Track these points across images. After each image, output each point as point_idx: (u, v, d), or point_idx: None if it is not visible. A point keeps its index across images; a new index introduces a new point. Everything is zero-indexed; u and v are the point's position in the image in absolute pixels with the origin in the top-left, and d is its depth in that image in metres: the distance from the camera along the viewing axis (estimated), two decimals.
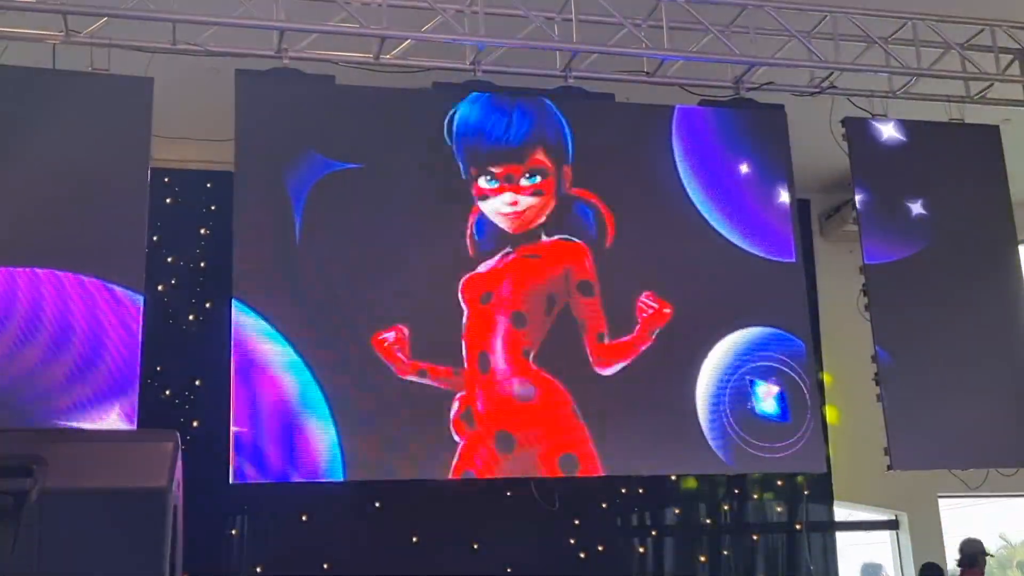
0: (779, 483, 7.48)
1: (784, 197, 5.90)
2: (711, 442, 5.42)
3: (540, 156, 5.62)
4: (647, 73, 5.79)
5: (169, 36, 5.16)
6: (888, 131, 6.14)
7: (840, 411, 7.39)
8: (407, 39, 5.38)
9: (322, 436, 4.96)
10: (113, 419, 4.66)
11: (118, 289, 4.81)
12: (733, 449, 5.44)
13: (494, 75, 5.60)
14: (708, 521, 7.39)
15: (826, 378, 7.34)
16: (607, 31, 5.52)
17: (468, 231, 5.44)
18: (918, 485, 7.20)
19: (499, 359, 5.30)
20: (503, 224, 5.50)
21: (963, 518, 8.34)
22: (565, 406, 5.31)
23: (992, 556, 7.12)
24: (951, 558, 7.77)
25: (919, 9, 5.79)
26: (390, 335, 5.14)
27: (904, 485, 6.95)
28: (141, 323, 4.82)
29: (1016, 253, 6.24)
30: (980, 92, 6.20)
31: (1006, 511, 8.74)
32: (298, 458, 4.94)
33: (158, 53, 5.18)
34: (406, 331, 5.17)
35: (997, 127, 6.33)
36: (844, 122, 6.08)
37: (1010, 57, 6.09)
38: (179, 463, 3.58)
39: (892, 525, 7.89)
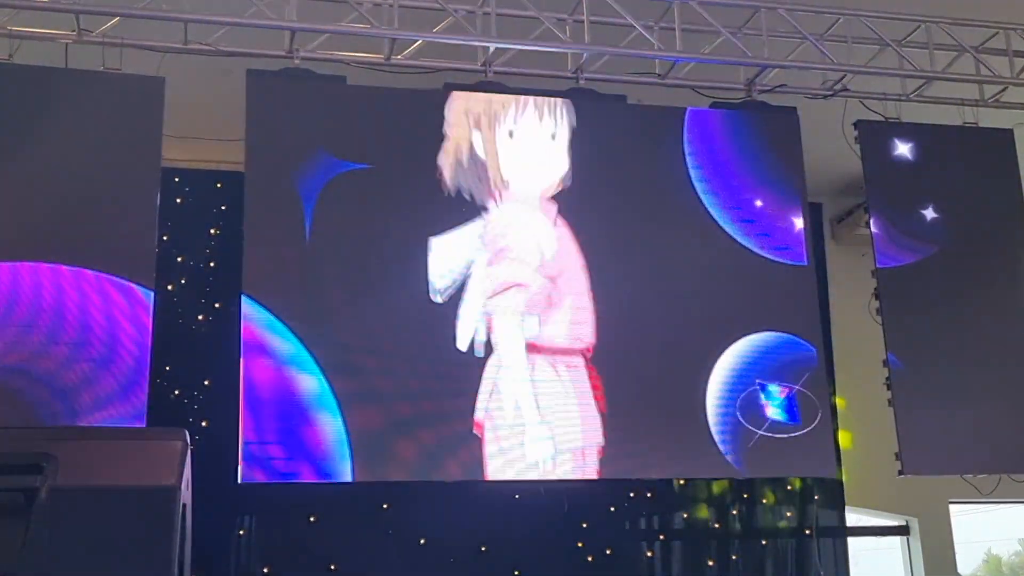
0: (789, 487, 7.44)
1: (796, 200, 5.87)
2: (720, 446, 5.40)
3: None
4: (659, 75, 5.77)
5: (181, 36, 5.17)
6: (901, 135, 6.11)
7: (851, 415, 7.35)
8: (418, 40, 5.37)
9: (331, 437, 4.95)
10: (122, 418, 4.66)
11: (128, 287, 4.82)
12: (743, 454, 5.42)
13: (505, 76, 5.60)
14: (717, 525, 7.36)
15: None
16: (619, 33, 5.51)
17: None
18: (929, 490, 7.16)
19: None
20: None
21: (976, 524, 8.30)
22: None
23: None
24: (961, 564, 7.74)
25: (933, 12, 5.77)
26: None
27: (915, 490, 6.91)
28: (152, 320, 4.82)
29: None
30: (994, 96, 6.17)
31: (1018, 516, 8.69)
32: (307, 458, 4.94)
33: (170, 53, 5.19)
34: None
35: (1011, 131, 6.29)
36: (857, 125, 6.05)
37: None
38: (188, 462, 3.58)
39: (903, 531, 7.85)
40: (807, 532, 7.41)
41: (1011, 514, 8.58)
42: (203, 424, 6.41)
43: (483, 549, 6.75)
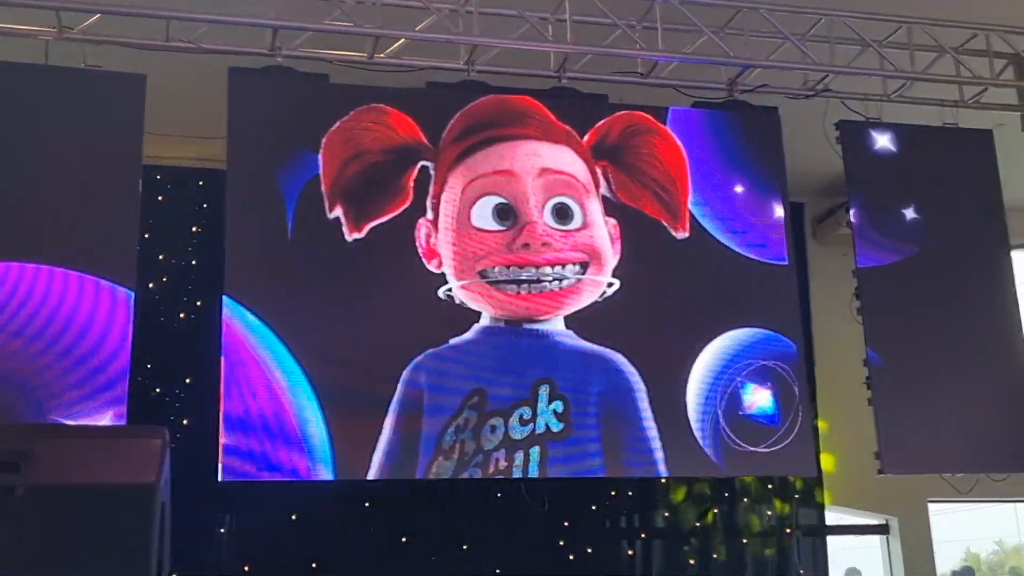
0: (769, 486, 7.47)
1: (777, 200, 5.90)
2: (701, 443, 5.42)
3: None
4: (641, 74, 5.79)
5: (162, 33, 5.15)
6: (882, 135, 6.15)
7: (831, 414, 7.38)
8: (401, 38, 5.36)
9: (312, 435, 4.95)
10: (102, 416, 4.64)
11: (109, 285, 4.80)
12: (723, 450, 5.45)
13: (488, 75, 5.60)
14: (698, 524, 7.38)
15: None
16: (601, 32, 5.52)
17: None
18: (908, 489, 7.21)
19: None
20: None
21: (955, 523, 8.35)
22: None
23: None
24: (940, 563, 7.79)
25: (914, 13, 5.81)
26: None
27: (894, 489, 6.95)
28: (132, 319, 4.80)
29: (1008, 258, 6.24)
30: (974, 96, 6.21)
31: (997, 516, 8.76)
32: (288, 457, 4.93)
33: (151, 50, 5.16)
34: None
35: (990, 131, 6.34)
36: (838, 125, 6.09)
37: (1004, 61, 6.10)
38: (167, 460, 3.57)
39: (882, 530, 7.90)
40: (787, 531, 7.44)
41: (989, 514, 8.65)
42: (184, 422, 6.39)
43: (464, 547, 6.76)
